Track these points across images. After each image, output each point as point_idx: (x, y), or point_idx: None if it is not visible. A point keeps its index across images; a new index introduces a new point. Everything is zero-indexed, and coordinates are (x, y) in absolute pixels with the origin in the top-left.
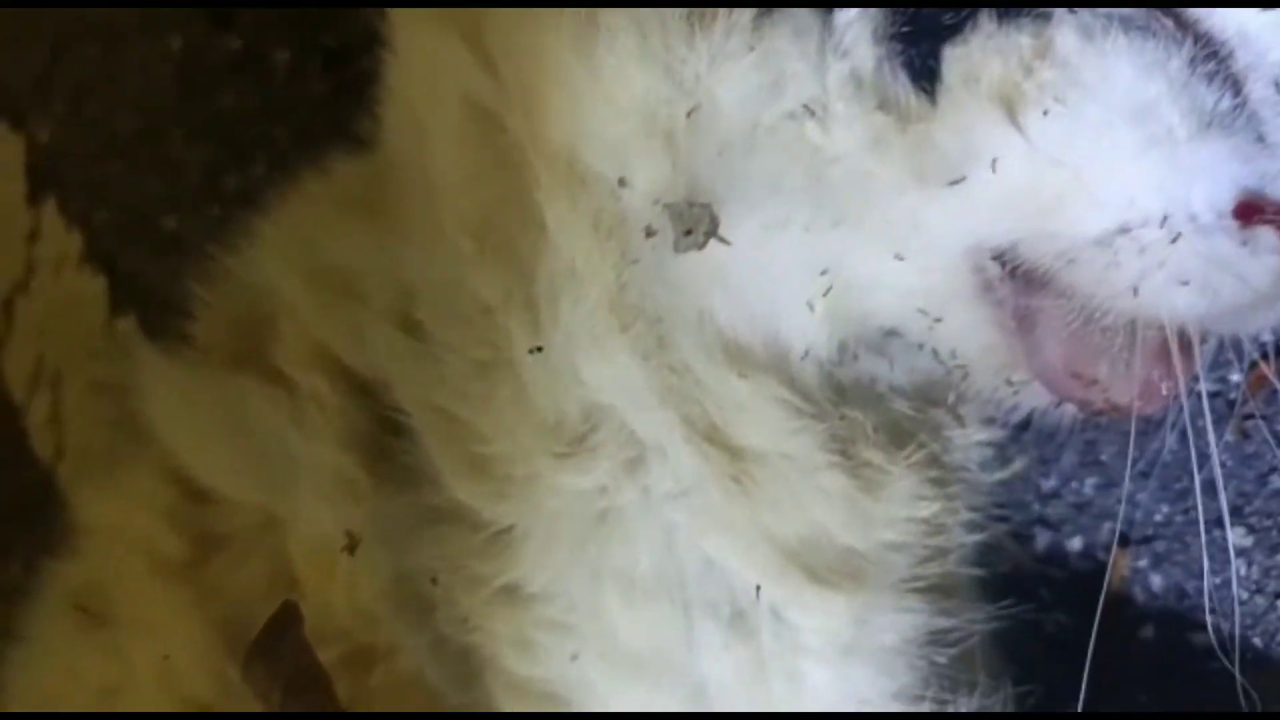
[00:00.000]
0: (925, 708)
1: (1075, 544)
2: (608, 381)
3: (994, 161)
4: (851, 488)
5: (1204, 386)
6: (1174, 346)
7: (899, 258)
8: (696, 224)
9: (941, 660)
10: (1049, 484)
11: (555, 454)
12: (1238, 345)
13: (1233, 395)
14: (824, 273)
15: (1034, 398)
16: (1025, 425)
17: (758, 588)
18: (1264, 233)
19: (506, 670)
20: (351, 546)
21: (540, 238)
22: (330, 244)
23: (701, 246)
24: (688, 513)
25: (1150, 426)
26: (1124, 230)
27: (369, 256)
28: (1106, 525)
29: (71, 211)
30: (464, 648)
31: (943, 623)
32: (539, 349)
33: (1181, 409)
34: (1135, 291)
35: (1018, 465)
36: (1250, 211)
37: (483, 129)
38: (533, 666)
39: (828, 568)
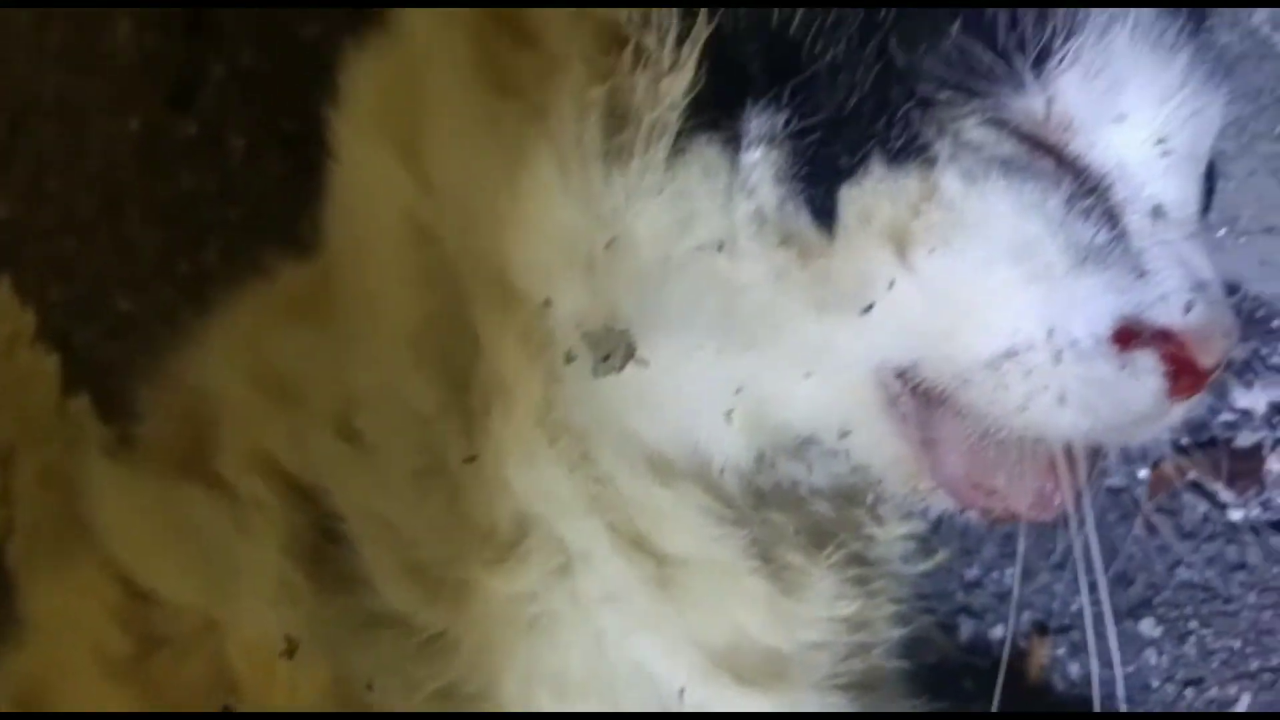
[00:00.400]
0: None
1: (998, 632)
2: (536, 491)
3: (890, 291)
4: (773, 591)
5: (1103, 483)
6: (1061, 460)
7: (808, 376)
8: (614, 350)
9: None
10: (972, 574)
11: (487, 560)
12: (1143, 445)
13: (1140, 491)
14: (738, 390)
15: (941, 502)
16: (945, 519)
17: (681, 690)
18: (1142, 355)
19: None
20: (290, 650)
21: (474, 351)
22: (273, 349)
23: (620, 369)
24: (616, 617)
25: (1064, 520)
26: (1010, 355)
27: (310, 363)
28: (1027, 614)
29: (26, 288)
30: None
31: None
32: (472, 458)
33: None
34: (1023, 410)
35: (941, 557)
36: (1128, 337)
37: (420, 244)
38: None
39: (752, 669)
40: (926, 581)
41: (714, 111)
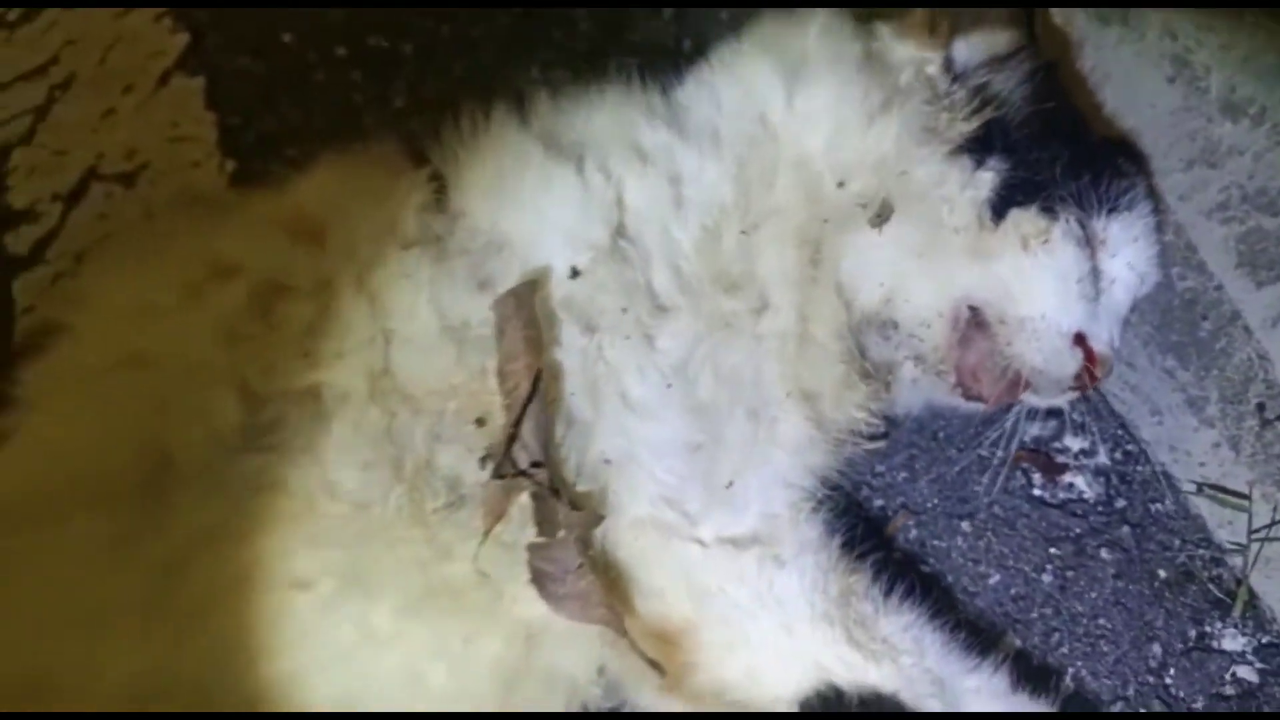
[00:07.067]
0: None
1: (878, 502)
2: (774, 270)
3: (1003, 266)
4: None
5: None
6: (1018, 380)
7: (930, 283)
8: (885, 213)
9: None
10: (879, 468)
11: (723, 288)
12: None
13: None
14: (896, 275)
15: (948, 378)
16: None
17: None
18: (1078, 351)
19: None
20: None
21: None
22: None
23: (879, 227)
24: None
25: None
26: (1032, 320)
27: None
28: (900, 499)
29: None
30: None
31: None
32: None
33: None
34: (1022, 348)
35: (874, 445)
36: (1080, 339)
37: (767, 143)
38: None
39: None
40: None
41: (973, 139)
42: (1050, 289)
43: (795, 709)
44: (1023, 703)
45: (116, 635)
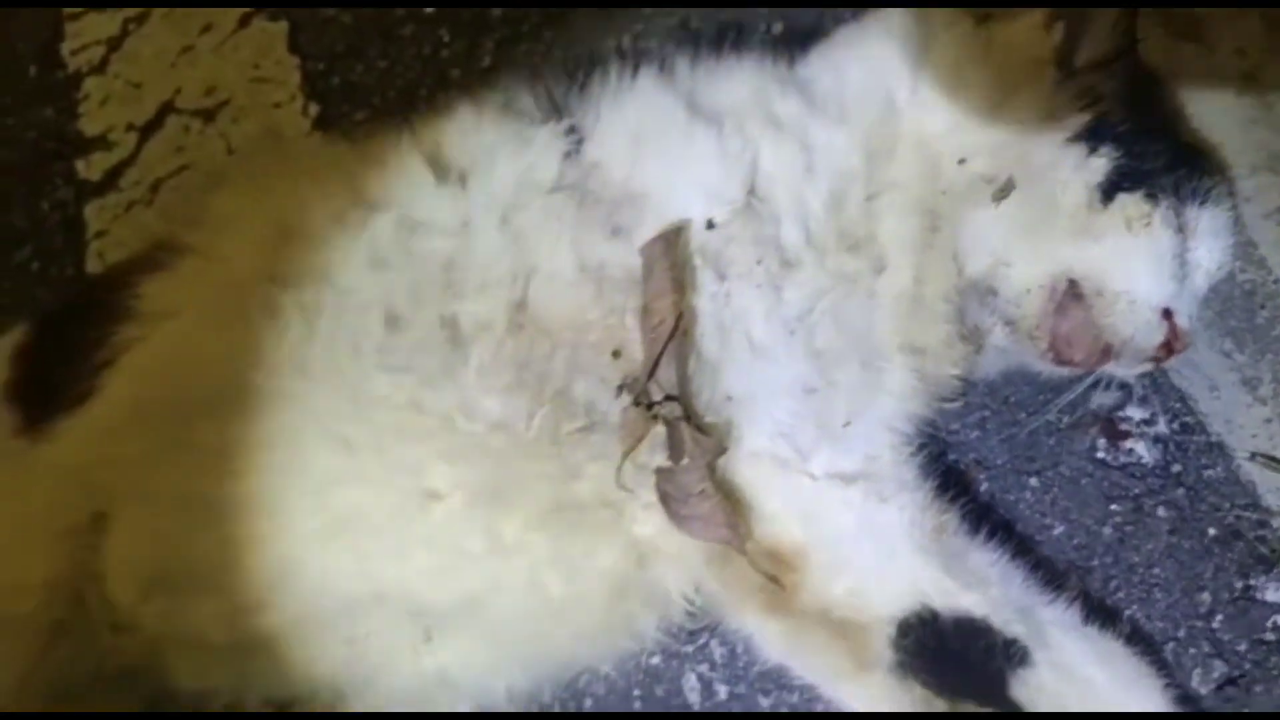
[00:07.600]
0: None
1: (951, 456)
2: (894, 235)
3: (1104, 244)
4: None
5: None
6: (1108, 350)
7: (1035, 257)
8: (1008, 189)
9: None
10: (953, 426)
11: (846, 247)
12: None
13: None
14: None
15: (1041, 340)
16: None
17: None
18: (1165, 325)
19: None
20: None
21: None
22: None
23: (998, 202)
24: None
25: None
26: (1128, 293)
27: None
28: (972, 455)
29: None
30: None
31: None
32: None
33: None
34: (1116, 320)
35: (953, 404)
36: (1167, 314)
37: (887, 118)
38: None
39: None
40: (938, 413)
41: (1086, 130)
42: (1148, 267)
43: (893, 629)
44: (1093, 635)
45: (248, 530)
